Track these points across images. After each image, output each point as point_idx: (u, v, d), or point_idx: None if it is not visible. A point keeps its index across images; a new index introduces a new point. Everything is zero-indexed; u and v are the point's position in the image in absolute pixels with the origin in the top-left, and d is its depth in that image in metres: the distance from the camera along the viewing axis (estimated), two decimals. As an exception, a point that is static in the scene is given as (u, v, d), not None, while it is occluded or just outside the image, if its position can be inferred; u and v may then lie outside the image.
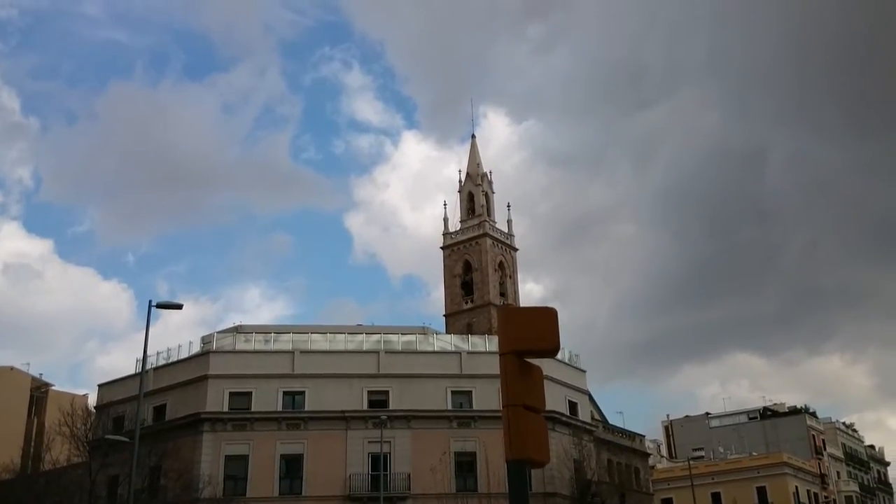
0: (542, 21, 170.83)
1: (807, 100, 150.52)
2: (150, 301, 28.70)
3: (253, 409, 46.66)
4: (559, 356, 52.33)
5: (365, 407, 47.65)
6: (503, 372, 6.63)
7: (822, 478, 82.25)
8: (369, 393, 48.35)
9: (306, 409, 47.18)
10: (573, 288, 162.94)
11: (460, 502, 43.44)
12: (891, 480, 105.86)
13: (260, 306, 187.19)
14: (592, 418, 56.59)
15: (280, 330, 55.52)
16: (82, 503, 36.07)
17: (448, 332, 68.29)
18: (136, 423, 27.57)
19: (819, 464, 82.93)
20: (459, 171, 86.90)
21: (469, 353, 51.32)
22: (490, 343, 52.04)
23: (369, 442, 45.80)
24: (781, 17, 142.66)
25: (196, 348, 50.80)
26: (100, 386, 52.61)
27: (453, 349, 52.70)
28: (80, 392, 63.08)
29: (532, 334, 6.73)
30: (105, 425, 40.81)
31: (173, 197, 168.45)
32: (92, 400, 51.39)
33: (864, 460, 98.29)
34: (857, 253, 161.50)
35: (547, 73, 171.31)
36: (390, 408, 47.32)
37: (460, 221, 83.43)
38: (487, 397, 47.07)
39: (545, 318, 6.81)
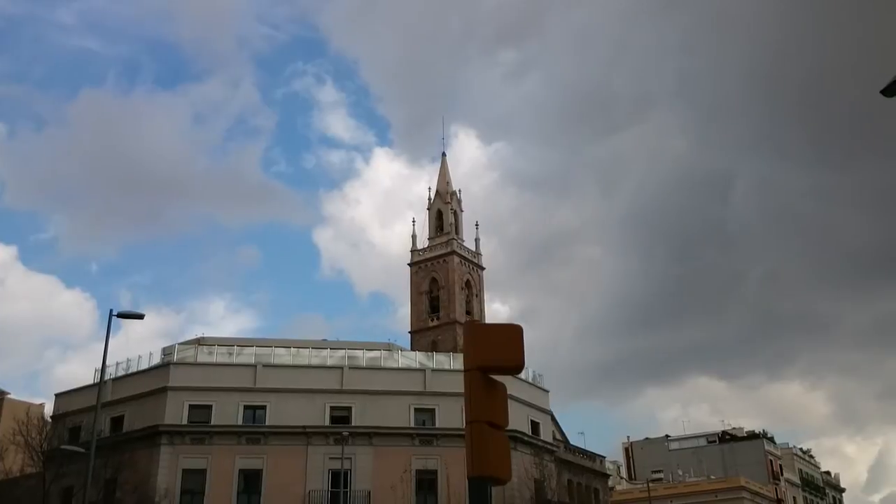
0: (514, 47, 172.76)
1: (773, 128, 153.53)
2: (111, 310, 28.40)
3: (213, 423, 46.02)
4: (523, 376, 52.53)
5: (327, 423, 47.27)
6: (467, 388, 6.67)
7: (779, 502, 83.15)
8: (332, 409, 47.97)
9: (267, 423, 46.67)
10: (539, 309, 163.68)
11: (420, 521, 43.20)
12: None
13: (224, 319, 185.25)
14: (554, 438, 56.70)
15: (243, 343, 54.95)
16: (34, 515, 35.27)
17: (413, 349, 68.16)
18: (93, 434, 27.09)
19: (776, 489, 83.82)
20: (429, 188, 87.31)
21: (433, 370, 51.21)
22: (455, 361, 52.02)
23: (330, 458, 45.41)
24: (749, 47, 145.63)
25: (157, 359, 50.09)
26: (57, 395, 51.57)
27: (418, 366, 52.56)
28: (37, 401, 61.74)
29: (497, 351, 6.77)
30: (61, 435, 40.00)
31: (140, 206, 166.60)
32: (48, 409, 50.34)
33: (820, 486, 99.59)
34: (818, 281, 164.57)
35: (518, 98, 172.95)
36: (352, 424, 47.02)
37: (428, 239, 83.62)
38: (451, 415, 46.98)
39: (510, 335, 6.87)
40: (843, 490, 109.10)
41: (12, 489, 38.11)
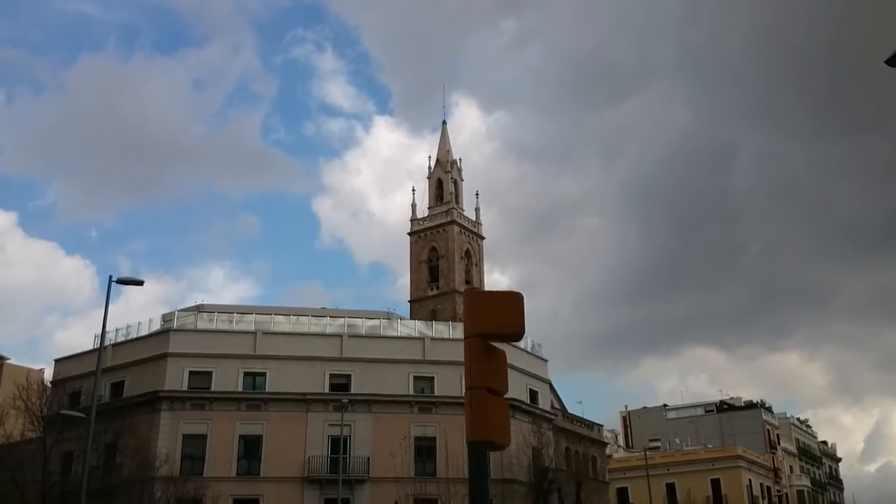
0: (515, 16, 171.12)
1: (775, 99, 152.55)
2: (110, 276, 28.39)
3: (213, 389, 46.28)
4: (522, 345, 52.78)
5: (326, 390, 47.52)
6: (467, 354, 6.61)
7: (776, 472, 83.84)
8: (331, 376, 48.20)
9: (267, 390, 46.91)
10: (538, 279, 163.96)
11: (419, 486, 43.59)
12: (842, 476, 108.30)
13: (224, 287, 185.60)
14: (552, 407, 57.04)
15: (243, 310, 55.09)
16: (35, 479, 35.47)
17: (413, 318, 68.29)
18: (93, 399, 27.18)
19: (773, 458, 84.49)
20: (429, 157, 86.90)
21: (433, 339, 51.37)
22: (454, 330, 52.18)
23: (329, 425, 45.71)
24: (752, 18, 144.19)
25: (157, 326, 50.23)
26: (56, 361, 51.75)
27: (417, 335, 52.73)
28: (37, 367, 62.02)
29: (497, 318, 6.70)
30: (61, 400, 40.17)
31: (138, 172, 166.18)
32: (48, 375, 50.54)
33: (816, 456, 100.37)
34: (818, 253, 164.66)
35: (519, 67, 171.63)
36: (352, 391, 47.27)
37: (428, 208, 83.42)
38: (449, 384, 47.23)
39: (511, 303, 6.80)
40: (839, 460, 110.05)
41: (13, 453, 38.35)
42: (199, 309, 54.22)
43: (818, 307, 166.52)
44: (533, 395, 52.86)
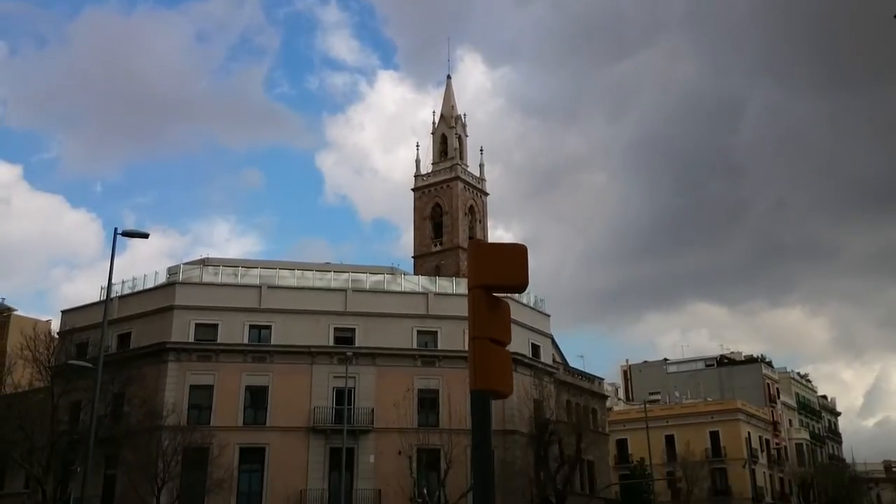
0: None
1: (782, 54, 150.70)
2: (115, 228, 28.50)
3: (219, 341, 46.75)
4: (525, 300, 53.09)
5: (331, 343, 47.97)
6: (471, 305, 6.69)
7: (775, 425, 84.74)
8: (336, 330, 48.61)
9: (272, 343, 47.37)
10: (542, 236, 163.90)
11: (422, 437, 44.27)
12: (841, 430, 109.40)
13: (229, 241, 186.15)
14: (554, 361, 57.56)
15: (248, 264, 55.34)
16: (44, 427, 36.04)
17: (416, 273, 68.51)
18: (100, 349, 27.51)
19: (772, 411, 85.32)
20: (433, 112, 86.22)
21: (436, 294, 51.66)
22: (458, 286, 52.42)
23: (334, 377, 46.25)
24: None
25: (162, 279, 50.50)
26: (63, 312, 52.15)
27: (421, 290, 53.01)
28: (44, 318, 62.51)
29: (501, 270, 6.76)
30: (68, 351, 40.60)
31: (142, 125, 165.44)
32: (55, 326, 50.97)
33: (816, 410, 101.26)
34: (822, 209, 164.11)
35: (525, 21, 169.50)
36: (356, 345, 47.70)
37: (432, 164, 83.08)
38: (452, 338, 47.63)
39: (515, 255, 6.85)
40: (838, 414, 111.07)
41: (21, 403, 38.89)
42: (204, 262, 54.47)
43: (822, 263, 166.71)
44: (535, 349, 53.33)
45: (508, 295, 7.91)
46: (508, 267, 6.75)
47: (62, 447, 37.22)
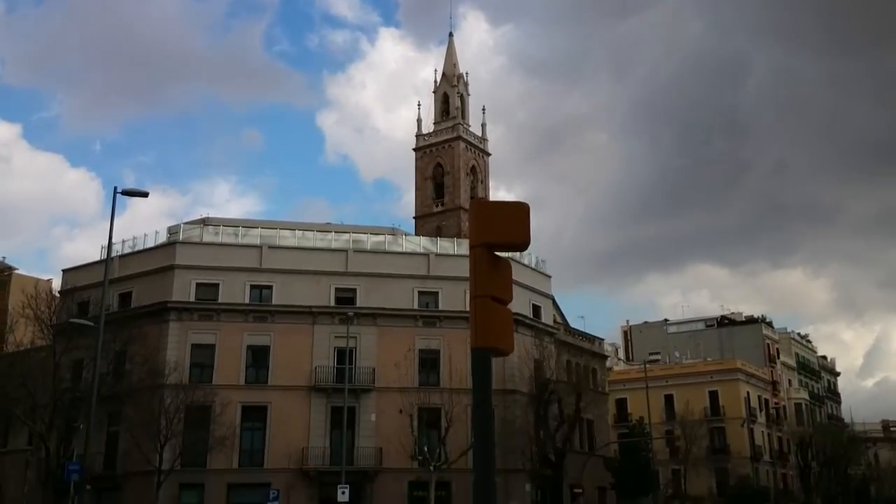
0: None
1: (789, 13, 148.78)
2: (115, 187, 28.35)
3: (220, 301, 46.85)
4: (526, 261, 53.07)
5: (332, 303, 48.08)
6: (473, 263, 6.60)
7: (774, 385, 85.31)
8: (337, 290, 48.69)
9: (273, 303, 47.47)
10: (544, 197, 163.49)
11: (423, 396, 44.58)
12: (840, 390, 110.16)
13: (229, 201, 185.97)
14: (555, 321, 57.74)
15: (248, 224, 55.22)
16: (46, 385, 36.26)
17: (417, 234, 68.42)
18: (101, 308, 27.54)
19: (772, 371, 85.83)
20: (435, 70, 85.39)
21: (437, 255, 51.65)
22: (459, 246, 52.38)
23: (335, 337, 46.44)
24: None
25: (163, 238, 50.44)
26: (64, 271, 52.22)
27: (422, 251, 52.99)
28: (45, 277, 62.61)
29: (503, 228, 6.66)
30: (70, 310, 40.68)
31: (141, 84, 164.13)
32: (56, 285, 51.03)
33: (815, 370, 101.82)
34: (825, 170, 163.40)
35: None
36: (357, 305, 47.80)
37: (434, 124, 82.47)
38: (453, 299, 47.71)
39: (517, 213, 6.74)
40: (837, 374, 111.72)
41: (23, 361, 39.08)
42: (204, 222, 54.36)
43: (824, 224, 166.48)
44: (536, 309, 53.46)
45: (510, 255, 7.80)
46: (510, 225, 6.65)
47: (65, 404, 37.49)
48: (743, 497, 65.07)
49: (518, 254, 49.35)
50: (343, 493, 39.46)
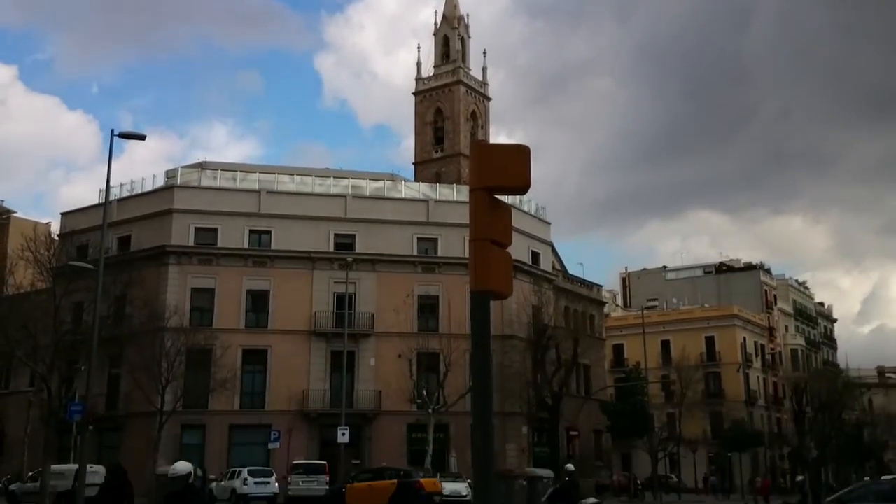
0: None
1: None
2: (112, 130, 28.11)
3: (219, 246, 46.89)
4: (525, 208, 53.02)
5: (331, 249, 48.16)
6: (472, 207, 6.54)
7: (771, 331, 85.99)
8: (336, 236, 48.74)
9: (273, 248, 47.52)
10: (546, 143, 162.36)
11: (421, 341, 44.94)
12: (836, 336, 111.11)
13: (227, 145, 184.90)
14: (553, 268, 57.92)
15: (246, 168, 54.99)
16: (47, 327, 36.45)
17: (417, 180, 68.12)
18: (101, 250, 27.54)
19: (768, 317, 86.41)
20: (435, 12, 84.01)
21: (437, 201, 51.54)
22: (458, 193, 52.22)
23: (335, 282, 46.63)
24: None
25: (160, 182, 50.27)
26: (63, 214, 52.21)
27: (421, 197, 52.89)
28: (44, 220, 62.54)
29: (504, 171, 6.59)
30: (69, 253, 40.68)
31: (137, 25, 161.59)
32: (55, 228, 50.96)
33: (812, 316, 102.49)
34: (829, 117, 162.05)
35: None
36: (356, 251, 47.88)
37: (434, 67, 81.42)
38: (453, 245, 47.79)
39: (518, 156, 6.66)
40: (834, 321, 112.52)
41: (23, 303, 39.21)
42: (202, 166, 54.10)
43: (826, 170, 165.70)
44: (535, 256, 53.57)
45: (510, 201, 7.73)
46: (511, 168, 6.57)
47: (66, 347, 37.73)
48: (737, 440, 66.08)
49: (518, 200, 49.32)
50: (343, 434, 40.06)
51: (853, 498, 16.43)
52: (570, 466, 19.12)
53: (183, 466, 8.93)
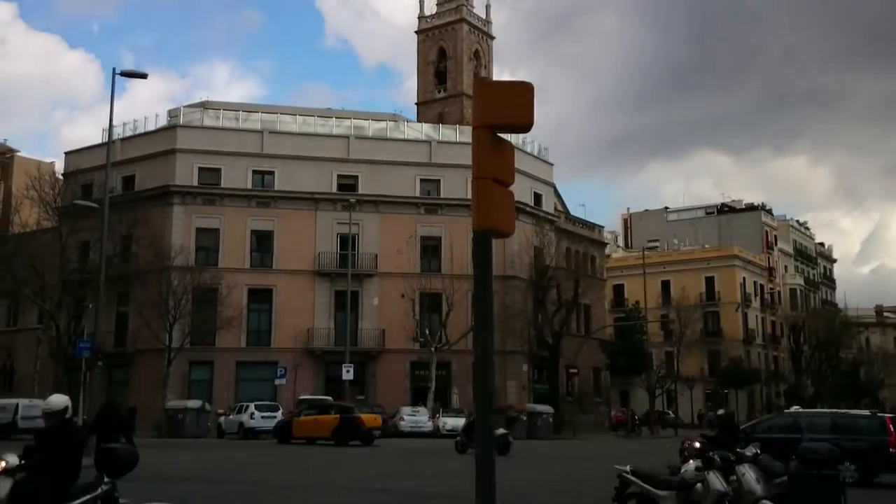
0: None
1: None
2: (114, 69, 27.97)
3: (223, 186, 47.05)
4: (528, 148, 52.89)
5: (334, 190, 48.29)
6: (475, 145, 6.64)
7: (770, 271, 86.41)
8: (339, 177, 48.83)
9: (276, 188, 47.66)
10: (549, 83, 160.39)
11: (424, 281, 45.40)
12: (835, 277, 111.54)
13: (229, 84, 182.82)
14: (555, 209, 58.06)
15: (249, 108, 54.71)
16: (54, 266, 36.81)
17: (419, 121, 67.70)
18: (105, 188, 27.70)
19: (769, 258, 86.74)
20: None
21: (439, 142, 51.44)
22: (461, 134, 52.01)
23: (338, 223, 46.89)
24: None
25: (163, 122, 50.15)
26: (67, 153, 52.18)
27: (424, 138, 52.73)
28: (47, 160, 62.53)
29: (507, 109, 6.65)
30: (74, 192, 40.84)
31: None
32: (59, 168, 50.99)
33: (812, 256, 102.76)
34: (834, 57, 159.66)
35: None
36: (359, 192, 48.03)
37: (437, 5, 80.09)
38: (455, 186, 47.85)
39: (521, 93, 6.72)
40: (834, 261, 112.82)
41: (29, 242, 39.51)
42: (204, 106, 53.86)
43: (829, 111, 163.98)
44: (537, 197, 53.67)
45: (513, 141, 7.89)
46: (514, 106, 6.64)
47: (73, 285, 38.16)
48: (734, 377, 67.13)
49: (521, 141, 49.24)
50: (347, 371, 40.84)
51: (761, 430, 17.01)
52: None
53: (58, 401, 8.02)
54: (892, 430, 16.27)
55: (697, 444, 13.52)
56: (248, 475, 18.18)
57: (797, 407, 25.87)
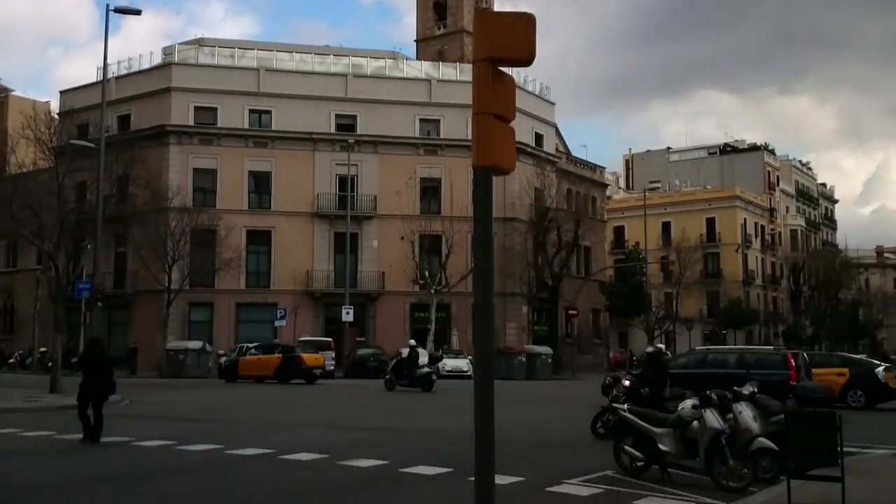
0: None
1: None
2: (107, 5, 27.30)
3: (219, 125, 46.49)
4: (529, 88, 52.14)
5: (332, 130, 47.73)
6: (475, 80, 6.41)
7: (771, 211, 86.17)
8: (337, 116, 48.23)
9: (273, 128, 47.11)
10: (551, 19, 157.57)
11: (424, 223, 45.21)
12: (836, 217, 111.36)
13: (224, 21, 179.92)
14: (557, 150, 57.54)
15: (245, 45, 53.80)
16: (51, 206, 36.58)
17: (419, 59, 66.68)
18: (101, 129, 27.27)
19: (770, 198, 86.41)
20: None
21: (439, 81, 50.67)
22: (461, 72, 51.21)
23: (337, 164, 46.47)
24: None
25: (158, 60, 49.33)
26: (62, 92, 51.55)
27: (424, 77, 51.92)
28: (43, 99, 61.69)
29: (508, 41, 6.41)
30: (70, 131, 40.38)
31: None
32: (55, 107, 50.38)
33: (814, 197, 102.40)
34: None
35: None
36: (358, 132, 47.47)
37: (437, -63, 78.22)
38: (455, 126, 47.27)
39: (523, 25, 6.45)
40: (836, 201, 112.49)
41: (26, 182, 39.23)
42: (199, 43, 52.94)
43: (835, 50, 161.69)
44: (538, 138, 53.12)
45: (514, 80, 7.59)
46: (515, 38, 6.38)
47: (71, 225, 37.97)
48: (732, 318, 67.49)
49: (522, 80, 48.52)
50: (347, 313, 40.96)
51: (674, 365, 18.31)
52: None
53: None
54: (793, 364, 17.89)
55: (627, 382, 13.84)
56: (241, 413, 18.25)
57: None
